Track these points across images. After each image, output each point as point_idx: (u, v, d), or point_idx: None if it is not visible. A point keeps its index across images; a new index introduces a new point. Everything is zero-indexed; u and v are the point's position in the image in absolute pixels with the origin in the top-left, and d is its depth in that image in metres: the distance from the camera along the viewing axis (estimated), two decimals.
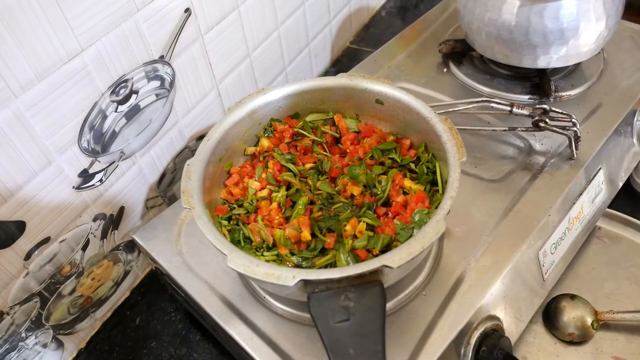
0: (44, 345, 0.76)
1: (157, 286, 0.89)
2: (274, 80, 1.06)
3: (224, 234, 0.59)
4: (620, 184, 0.87)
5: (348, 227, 0.59)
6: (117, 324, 0.85)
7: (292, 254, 0.58)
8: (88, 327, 0.83)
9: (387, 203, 0.63)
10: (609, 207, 0.87)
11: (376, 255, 0.57)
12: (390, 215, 0.61)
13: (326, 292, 0.50)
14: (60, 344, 0.79)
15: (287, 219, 0.61)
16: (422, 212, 0.58)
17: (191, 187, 0.59)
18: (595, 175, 0.79)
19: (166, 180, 0.88)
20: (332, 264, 0.57)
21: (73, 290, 0.77)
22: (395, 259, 0.49)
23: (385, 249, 0.58)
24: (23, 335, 0.72)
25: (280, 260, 0.58)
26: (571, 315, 0.76)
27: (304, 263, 0.57)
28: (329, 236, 0.59)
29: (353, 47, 1.30)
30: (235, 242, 0.61)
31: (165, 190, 0.88)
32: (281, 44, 1.03)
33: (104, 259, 0.81)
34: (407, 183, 0.63)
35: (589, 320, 0.76)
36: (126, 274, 0.87)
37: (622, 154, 0.85)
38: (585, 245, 0.85)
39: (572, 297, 0.78)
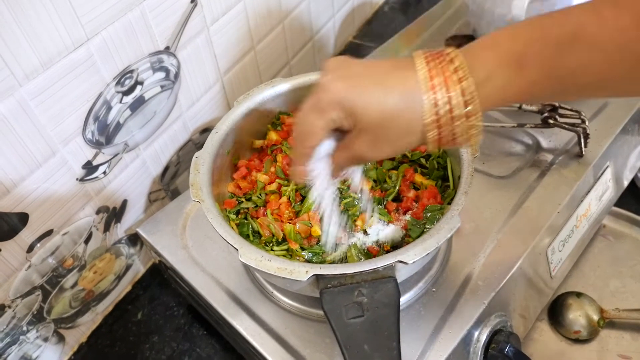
0: (45, 339, 0.75)
1: (159, 280, 0.88)
2: (278, 74, 1.05)
3: (232, 228, 0.59)
4: (626, 182, 0.87)
5: (359, 222, 0.59)
6: (118, 318, 0.84)
7: (302, 249, 0.57)
8: (89, 321, 0.82)
9: (397, 198, 0.62)
10: (614, 205, 0.87)
11: (387, 251, 0.56)
12: (401, 210, 0.60)
13: (339, 287, 0.49)
14: (61, 338, 0.78)
15: (296, 214, 0.60)
16: (434, 208, 0.57)
17: (200, 180, 0.58)
18: (602, 173, 0.78)
19: (169, 174, 0.86)
20: (343, 260, 0.57)
21: (75, 284, 0.76)
22: (410, 254, 0.49)
23: (396, 245, 0.58)
24: (24, 328, 0.71)
25: (290, 255, 0.57)
26: (577, 313, 0.76)
27: (314, 258, 0.57)
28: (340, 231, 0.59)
29: (356, 42, 1.29)
30: (244, 237, 0.60)
31: (169, 184, 0.87)
32: (285, 37, 1.02)
33: (106, 253, 0.80)
34: (418, 178, 0.62)
35: (595, 318, 0.76)
36: (128, 267, 0.86)
37: (629, 151, 0.85)
38: (591, 243, 0.85)
39: (578, 294, 0.78)
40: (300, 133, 0.49)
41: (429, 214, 0.57)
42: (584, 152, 0.75)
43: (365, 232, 0.58)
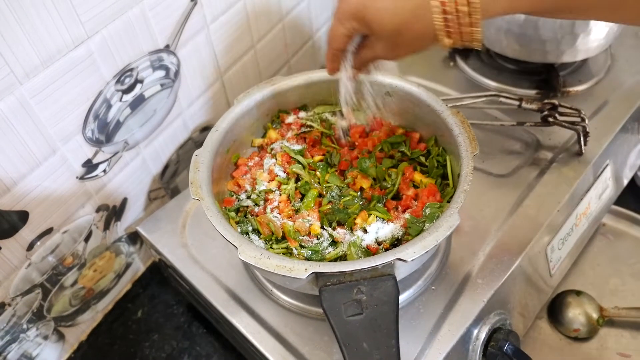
0: (45, 337, 0.75)
1: (159, 279, 0.88)
2: (278, 72, 1.05)
3: (232, 226, 0.59)
4: (626, 181, 0.87)
5: (358, 220, 0.59)
6: (118, 317, 0.84)
7: (302, 246, 0.57)
8: (89, 320, 0.82)
9: (397, 196, 0.62)
10: (614, 203, 0.87)
11: (387, 249, 0.56)
12: (400, 208, 0.60)
13: (338, 285, 0.49)
14: (61, 336, 0.78)
15: (296, 212, 0.61)
16: (434, 205, 0.57)
17: (199, 177, 0.58)
18: (602, 171, 0.78)
19: (169, 172, 0.86)
20: (342, 257, 0.57)
21: (75, 282, 0.76)
22: (409, 252, 0.49)
23: (396, 242, 0.58)
24: (24, 326, 0.71)
25: (289, 253, 0.57)
26: (576, 311, 0.76)
27: (314, 256, 0.57)
28: (339, 229, 0.59)
29: None
30: (244, 234, 0.60)
31: (169, 182, 0.87)
32: (285, 35, 1.02)
33: (106, 251, 0.80)
34: (418, 176, 0.62)
35: (595, 316, 0.76)
36: (128, 266, 0.86)
37: (629, 150, 0.85)
38: (590, 241, 0.85)
39: (578, 293, 0.78)
40: (329, 37, 0.55)
41: (428, 212, 0.57)
42: (583, 151, 0.76)
43: (364, 230, 0.58)
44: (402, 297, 0.62)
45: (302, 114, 0.70)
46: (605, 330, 0.76)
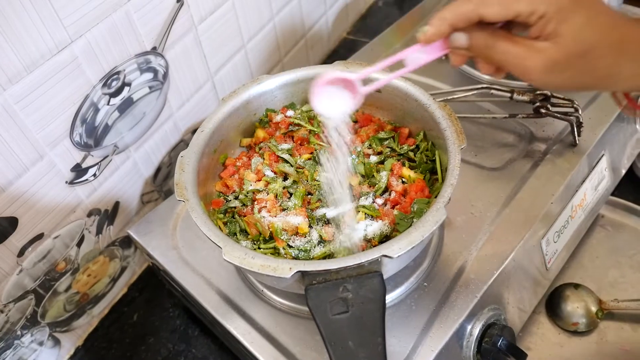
0: (40, 343, 0.75)
1: (155, 282, 0.88)
2: (271, 72, 1.04)
3: (219, 227, 0.58)
4: (623, 171, 0.86)
5: (347, 219, 0.58)
6: (114, 321, 0.84)
7: (290, 246, 0.57)
8: (85, 324, 0.82)
9: (386, 193, 0.61)
10: (612, 194, 0.85)
11: (375, 246, 0.55)
12: (389, 205, 0.60)
13: (324, 283, 0.49)
14: (57, 342, 0.78)
15: (284, 211, 0.60)
16: (421, 201, 0.57)
17: (185, 179, 0.58)
18: (598, 162, 0.77)
19: (162, 175, 0.86)
20: (331, 256, 0.56)
21: (69, 287, 0.76)
22: (395, 248, 0.48)
23: (385, 239, 0.57)
24: (18, 333, 0.71)
25: (277, 253, 0.57)
26: (575, 305, 0.75)
27: (301, 255, 0.56)
28: (327, 227, 0.58)
29: (350, 38, 1.28)
30: (232, 235, 0.59)
31: (161, 185, 0.87)
32: (276, 35, 1.01)
33: (99, 255, 0.79)
34: (406, 172, 0.61)
35: (594, 309, 0.74)
36: (123, 270, 0.85)
37: (625, 140, 0.84)
38: (589, 233, 0.84)
39: (576, 286, 0.77)
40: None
41: (416, 208, 0.56)
42: (577, 141, 0.74)
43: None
44: (394, 295, 0.61)
45: (290, 112, 0.70)
46: (605, 324, 0.75)
